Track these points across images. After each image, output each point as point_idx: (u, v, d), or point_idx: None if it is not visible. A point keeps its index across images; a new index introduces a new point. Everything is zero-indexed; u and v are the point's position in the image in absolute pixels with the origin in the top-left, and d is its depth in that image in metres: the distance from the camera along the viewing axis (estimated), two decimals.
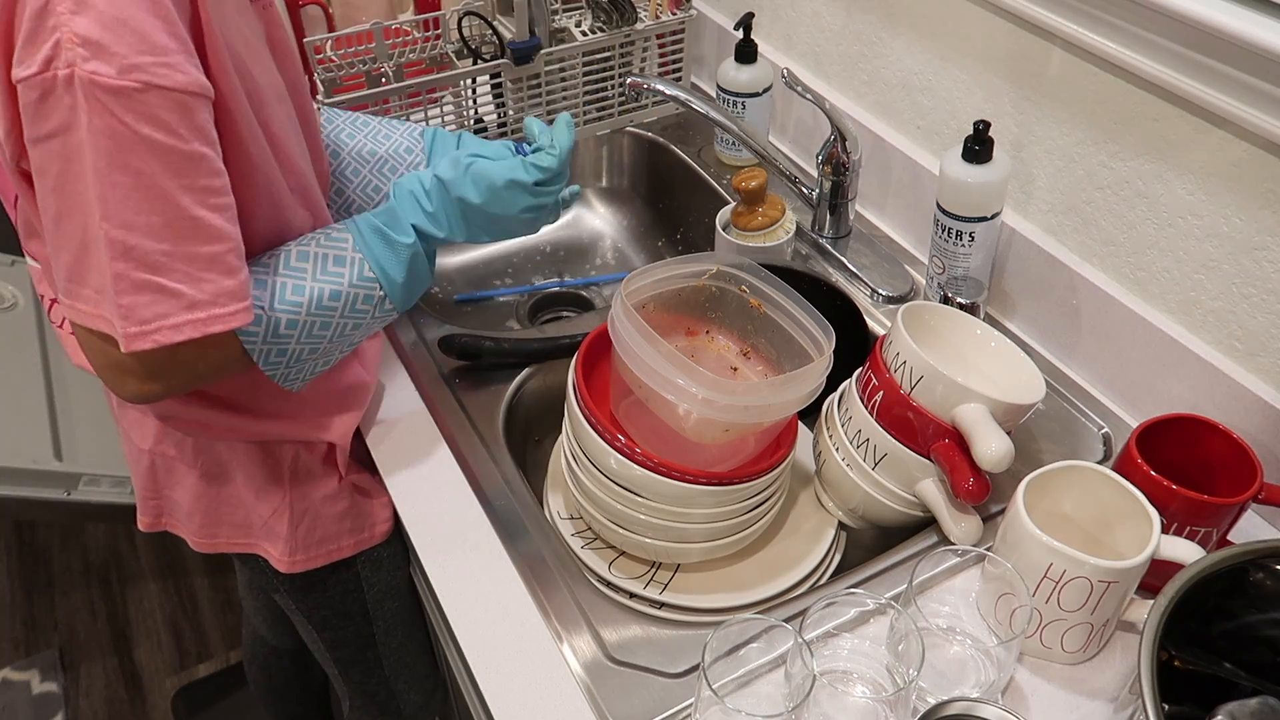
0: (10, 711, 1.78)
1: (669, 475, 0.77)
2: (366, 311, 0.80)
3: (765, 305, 0.86)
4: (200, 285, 0.67)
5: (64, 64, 0.60)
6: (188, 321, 0.67)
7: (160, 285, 0.66)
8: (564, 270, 1.37)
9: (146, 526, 1.02)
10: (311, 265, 0.77)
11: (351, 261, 0.78)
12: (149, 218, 0.65)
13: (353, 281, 0.78)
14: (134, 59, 0.61)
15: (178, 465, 0.95)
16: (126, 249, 0.65)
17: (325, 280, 0.77)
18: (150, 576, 2.02)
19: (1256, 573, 0.69)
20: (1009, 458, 0.75)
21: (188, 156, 0.65)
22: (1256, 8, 0.75)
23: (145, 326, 0.66)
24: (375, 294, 0.79)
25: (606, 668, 0.76)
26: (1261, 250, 0.82)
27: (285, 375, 0.79)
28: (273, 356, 0.76)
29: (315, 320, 0.77)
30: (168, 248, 0.66)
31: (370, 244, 0.79)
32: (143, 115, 0.62)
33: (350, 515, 0.99)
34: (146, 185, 0.64)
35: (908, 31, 1.11)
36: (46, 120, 0.63)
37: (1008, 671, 0.76)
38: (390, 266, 0.80)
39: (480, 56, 1.27)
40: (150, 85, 0.62)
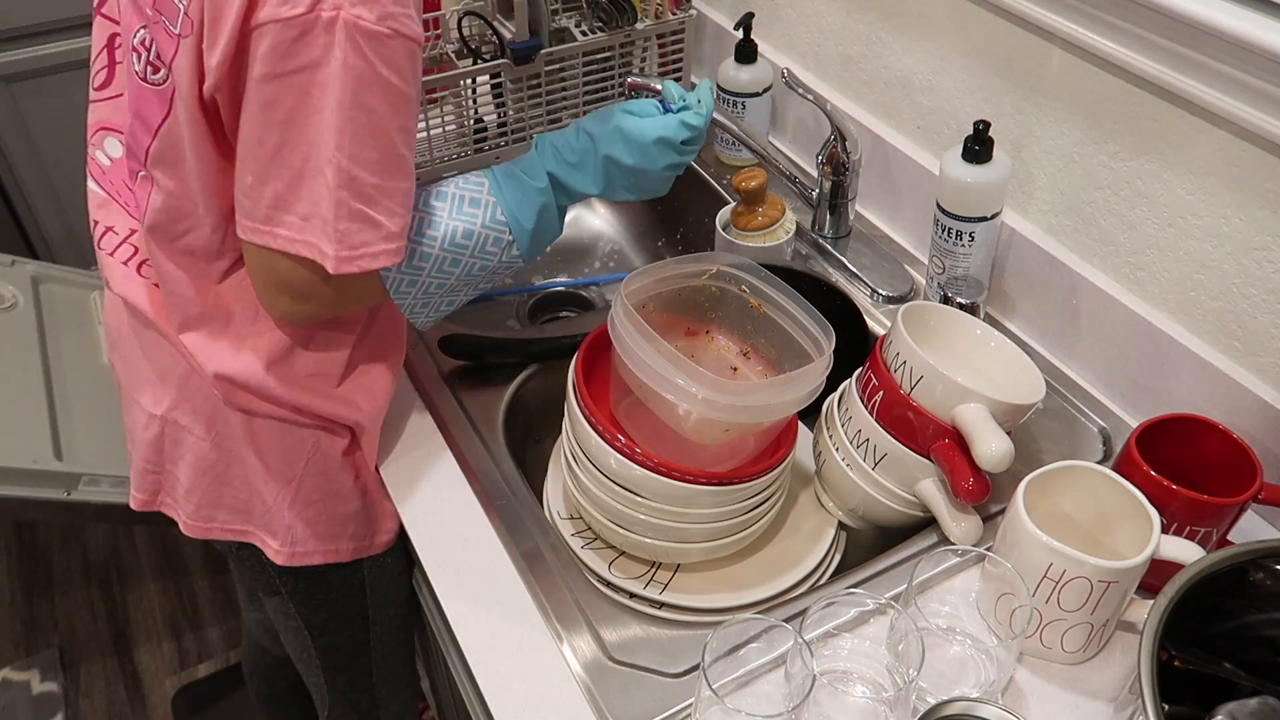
0: (10, 711, 1.78)
1: (669, 475, 0.77)
2: (494, 254, 0.83)
3: (765, 305, 0.86)
4: (394, 218, 0.74)
5: (330, 6, 0.66)
6: (383, 251, 0.74)
7: (368, 216, 0.73)
8: (564, 270, 1.37)
9: (141, 505, 1.00)
10: (449, 205, 0.81)
11: (486, 204, 0.82)
12: (370, 153, 0.71)
13: (485, 223, 0.82)
14: (390, 8, 0.68)
15: (187, 436, 0.92)
16: (351, 179, 0.71)
17: (460, 219, 0.81)
18: (150, 576, 2.02)
19: (1256, 573, 0.69)
20: (1009, 458, 0.75)
21: (407, 99, 0.72)
22: (1256, 8, 0.75)
23: (354, 251, 0.73)
24: (505, 237, 0.82)
25: (606, 668, 0.76)
26: (1261, 250, 0.82)
27: (413, 307, 0.83)
28: (404, 285, 0.81)
29: (447, 256, 0.81)
30: (378, 182, 0.72)
31: (504, 189, 0.83)
32: (387, 59, 0.69)
33: (356, 519, 0.98)
34: (375, 123, 0.70)
35: (908, 31, 1.11)
36: (296, 57, 0.68)
37: (1008, 671, 0.76)
38: (521, 212, 0.83)
39: (480, 56, 1.27)
40: (398, 33, 0.69)
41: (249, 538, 0.98)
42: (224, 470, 0.94)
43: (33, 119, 2.04)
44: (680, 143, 0.85)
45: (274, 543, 0.96)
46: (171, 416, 0.92)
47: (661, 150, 0.85)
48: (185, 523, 0.98)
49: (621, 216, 1.43)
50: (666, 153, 0.85)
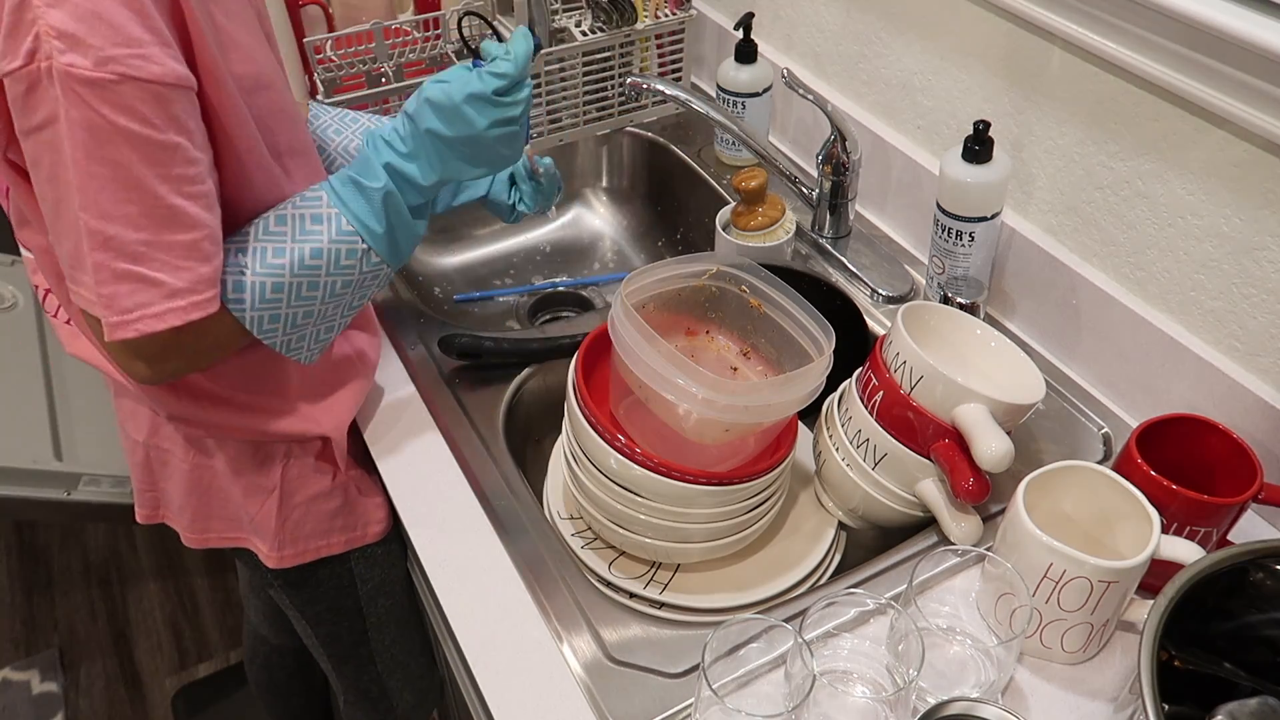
0: (10, 711, 1.78)
1: (669, 475, 0.77)
2: (352, 267, 0.78)
3: (765, 305, 0.86)
4: (179, 273, 0.69)
5: (44, 56, 0.61)
6: (169, 310, 0.69)
7: (140, 275, 0.67)
8: (564, 270, 1.37)
9: (144, 519, 1.03)
10: (290, 227, 0.76)
11: (327, 218, 0.77)
12: (126, 208, 0.66)
13: (332, 237, 0.77)
14: (109, 51, 0.62)
15: (170, 458, 0.95)
16: (106, 239, 0.66)
17: (304, 240, 0.76)
18: (150, 576, 2.02)
19: (1256, 573, 0.69)
20: (1009, 458, 0.75)
21: (163, 146, 0.66)
22: (1256, 8, 0.75)
23: (127, 315, 0.68)
24: (358, 247, 0.78)
25: (606, 668, 0.76)
26: (1261, 250, 0.82)
27: (287, 343, 0.79)
28: (266, 323, 0.76)
29: (301, 281, 0.76)
30: (146, 236, 0.67)
31: (343, 196, 0.78)
32: (119, 106, 0.63)
33: (343, 514, 0.99)
34: (124, 176, 0.65)
35: (908, 31, 1.11)
36: (35, 112, 0.63)
37: (1008, 671, 0.76)
38: (367, 217, 0.77)
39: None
40: (126, 77, 0.63)
41: (244, 543, 1.01)
42: (208, 486, 0.96)
43: None
44: (494, 94, 0.77)
45: (265, 547, 0.99)
46: (153, 442, 0.95)
47: (478, 108, 0.77)
48: (185, 535, 1.01)
49: (622, 216, 1.43)
50: (484, 109, 0.77)
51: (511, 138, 0.80)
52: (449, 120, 0.77)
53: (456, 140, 0.78)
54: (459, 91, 0.77)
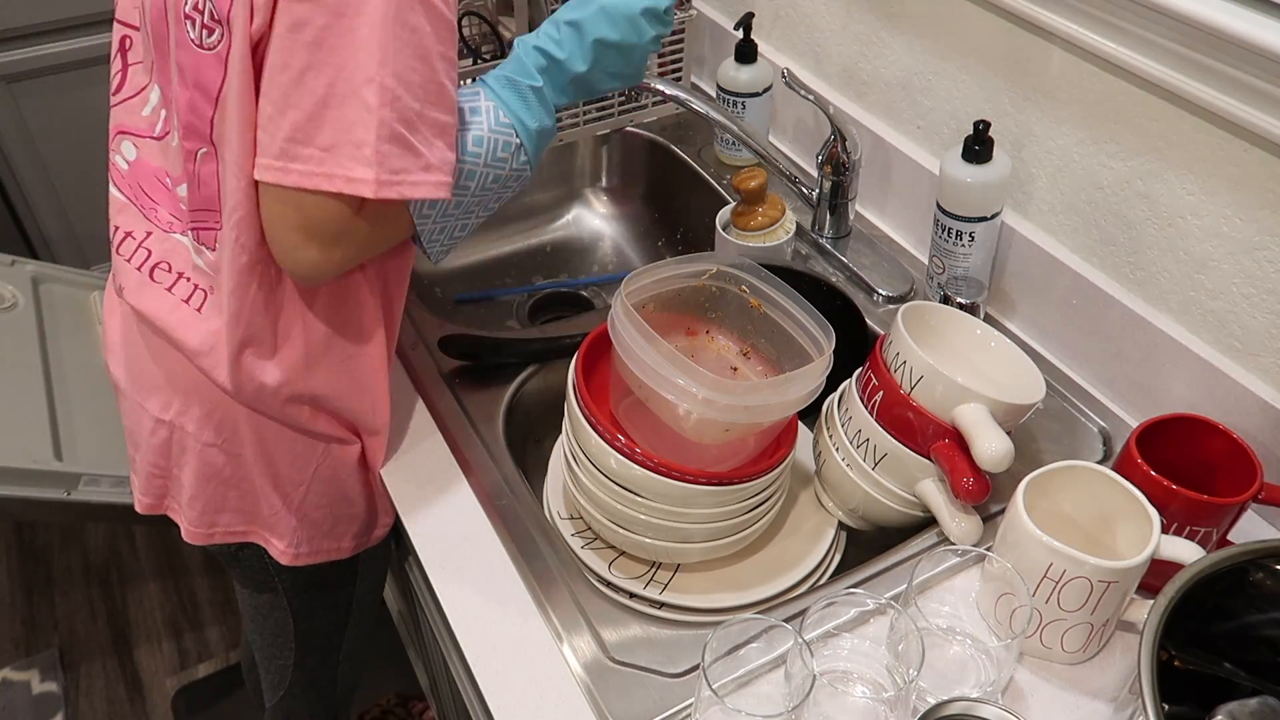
0: (10, 711, 1.78)
1: (669, 475, 0.77)
2: (505, 162, 0.80)
3: (765, 305, 0.86)
4: (434, 150, 0.71)
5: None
6: (422, 181, 0.71)
7: (408, 141, 0.70)
8: (564, 270, 1.37)
9: (147, 508, 1.00)
10: None
11: (485, 110, 0.79)
12: (414, 75, 0.68)
13: (491, 127, 0.78)
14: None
15: (193, 442, 0.91)
16: (394, 98, 0.68)
17: (465, 129, 0.78)
18: (150, 576, 2.02)
19: (1256, 573, 0.69)
20: (1009, 458, 0.75)
21: (448, 24, 0.70)
22: (1256, 8, 0.75)
23: (394, 176, 0.69)
24: (512, 141, 0.79)
25: (606, 668, 0.76)
26: (1261, 250, 0.82)
27: (431, 233, 0.80)
28: (425, 208, 0.78)
29: (462, 169, 0.77)
30: (419, 108, 0.69)
31: (499, 91, 0.80)
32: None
33: (360, 519, 0.99)
34: (419, 43, 0.68)
35: (908, 31, 1.11)
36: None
37: (1008, 671, 0.76)
38: (522, 112, 0.80)
39: (480, 56, 1.27)
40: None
41: (251, 538, 0.98)
42: (231, 474, 0.93)
43: (33, 119, 2.04)
44: (664, 11, 0.83)
45: (279, 544, 0.97)
46: (179, 422, 0.91)
47: (650, 20, 0.83)
48: (187, 529, 0.98)
49: (622, 216, 1.43)
50: (653, 23, 0.83)
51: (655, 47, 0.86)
52: (624, 28, 0.81)
53: (619, 48, 0.82)
54: (638, 4, 0.82)
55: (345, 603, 1.09)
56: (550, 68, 0.81)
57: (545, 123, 0.82)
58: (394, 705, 1.72)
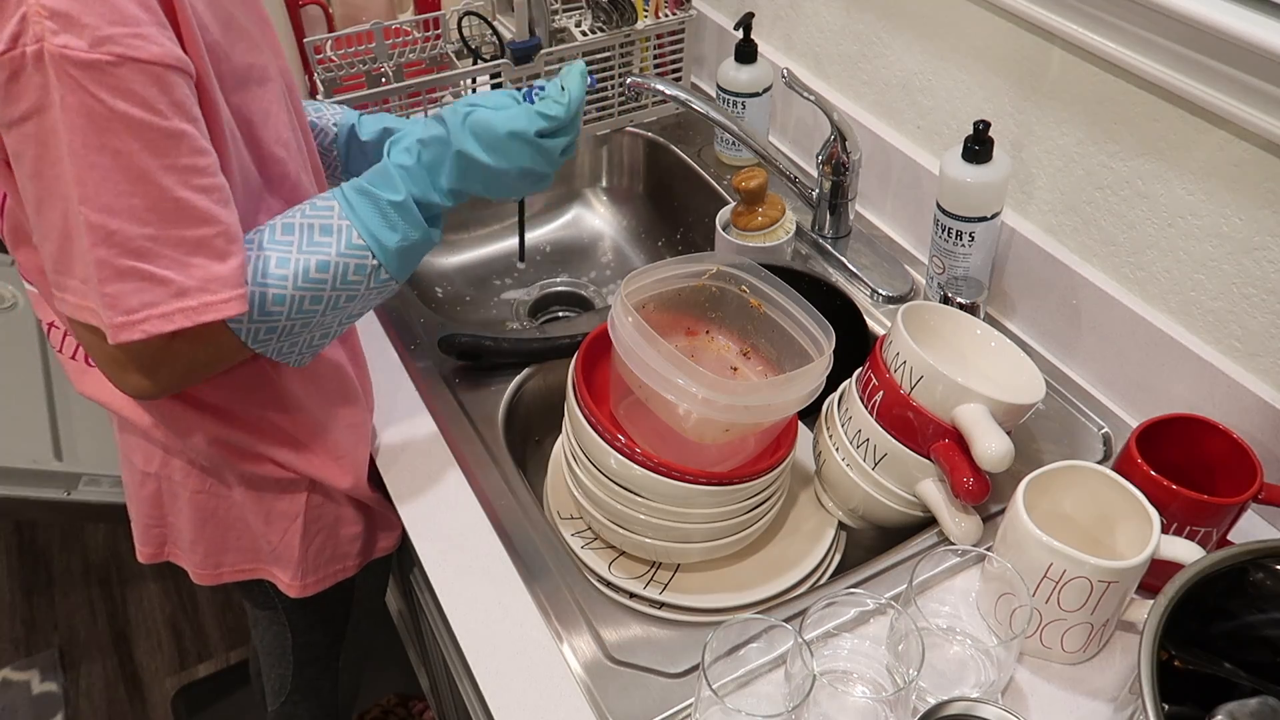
0: (10, 711, 1.78)
1: (669, 475, 0.77)
2: (360, 282, 0.74)
3: (765, 305, 0.86)
4: (189, 271, 0.64)
5: (32, 38, 0.57)
6: (178, 310, 0.64)
7: (146, 272, 0.63)
8: (564, 270, 1.37)
9: (148, 558, 0.98)
10: (297, 236, 0.72)
11: (338, 229, 0.72)
12: (130, 200, 0.61)
13: (341, 250, 0.72)
14: (106, 30, 0.58)
15: (182, 490, 0.91)
16: (108, 234, 0.61)
17: (311, 251, 0.72)
18: (150, 576, 2.02)
19: (1256, 573, 0.69)
20: (1009, 458, 0.75)
21: (168, 134, 0.62)
22: (1256, 8, 0.75)
23: (132, 316, 0.63)
24: (368, 263, 0.73)
25: (606, 668, 0.76)
26: (1261, 250, 0.82)
27: (279, 350, 0.75)
28: (263, 334, 0.72)
29: (305, 294, 0.72)
30: (152, 231, 0.62)
31: (357, 209, 0.73)
32: (118, 90, 0.59)
33: (361, 537, 0.98)
34: (125, 165, 0.61)
35: (908, 31, 1.11)
36: (19, 101, 0.59)
37: (1008, 671, 0.76)
38: (381, 232, 0.73)
39: (480, 56, 1.27)
40: (124, 58, 0.59)
41: (260, 574, 0.97)
42: (224, 515, 0.93)
43: None
44: (535, 134, 0.74)
45: (285, 577, 0.96)
46: (165, 473, 0.91)
47: (518, 147, 0.74)
48: (194, 572, 0.97)
49: (622, 216, 1.43)
50: (522, 150, 0.75)
51: (539, 179, 0.78)
52: (488, 149, 0.74)
53: (487, 168, 0.75)
54: (504, 125, 0.74)
55: (342, 616, 1.08)
56: (417, 178, 0.75)
57: (411, 236, 0.74)
58: (394, 705, 1.72)
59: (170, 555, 0.99)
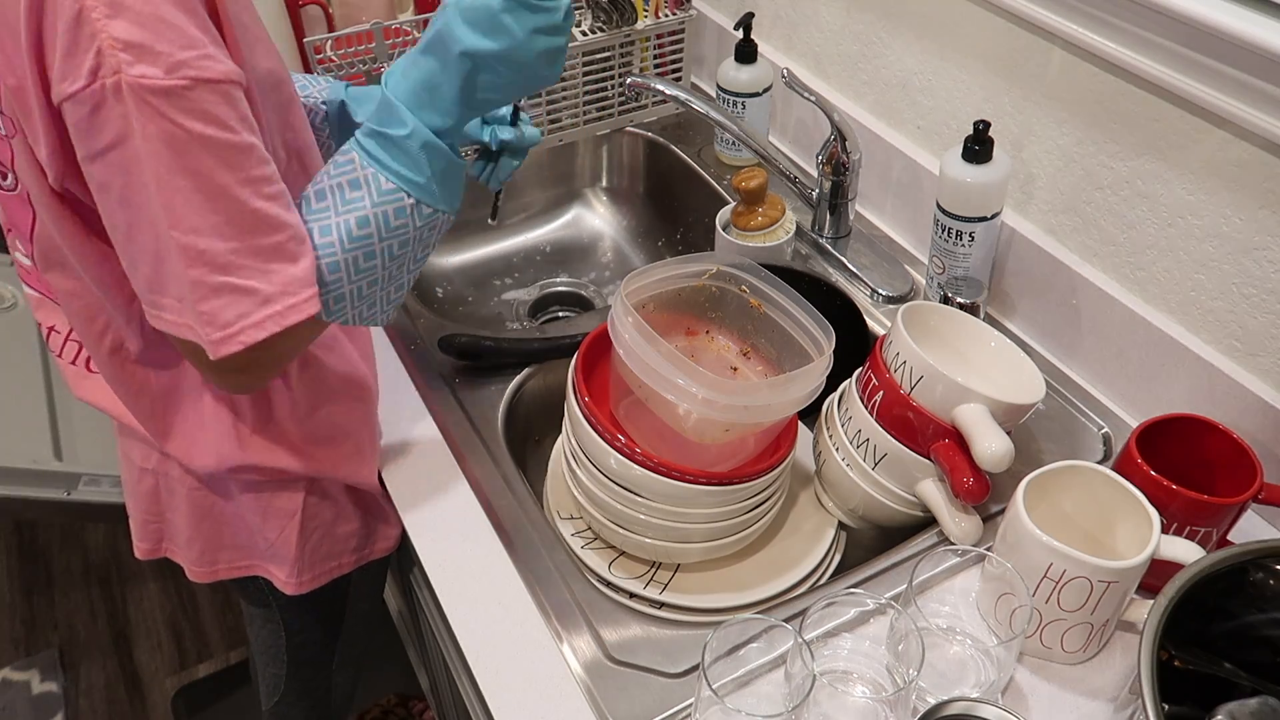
0: (10, 711, 1.78)
1: (669, 475, 0.77)
2: (404, 225, 0.72)
3: (765, 305, 0.86)
4: (270, 278, 0.66)
5: (109, 71, 0.58)
6: (267, 317, 0.67)
7: (235, 285, 0.65)
8: (564, 270, 1.37)
9: (145, 554, 0.99)
10: (330, 200, 0.71)
11: (365, 180, 0.71)
12: (213, 217, 0.63)
13: (375, 201, 0.71)
14: (178, 55, 0.59)
15: (180, 486, 0.92)
16: (198, 253, 0.64)
17: (348, 210, 0.71)
18: (150, 576, 2.02)
19: (1256, 573, 0.69)
20: (1009, 458, 0.75)
21: (239, 148, 0.64)
22: (1256, 8, 0.75)
23: (229, 330, 0.66)
24: (405, 203, 0.71)
25: (606, 668, 0.76)
26: (1261, 250, 0.82)
27: (358, 315, 0.75)
28: (333, 305, 0.72)
29: (357, 253, 0.71)
30: (235, 245, 0.65)
31: (374, 152, 0.71)
32: (194, 113, 0.61)
33: (358, 534, 0.98)
34: (206, 184, 0.63)
35: (907, 31, 1.11)
36: (102, 133, 0.61)
37: (1008, 671, 0.76)
38: (405, 168, 0.71)
39: None
40: (197, 80, 0.60)
41: (255, 571, 0.98)
42: (221, 512, 0.93)
43: None
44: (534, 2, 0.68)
45: (282, 574, 0.96)
46: (163, 469, 0.92)
47: (516, 15, 0.68)
48: (190, 570, 0.97)
49: (622, 216, 1.43)
50: (521, 15, 0.68)
51: (555, 52, 0.72)
52: (487, 30, 0.68)
53: (495, 56, 0.69)
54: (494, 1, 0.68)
55: (338, 615, 1.08)
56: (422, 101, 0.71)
57: (438, 164, 0.72)
58: (394, 705, 1.72)
59: (167, 551, 0.99)
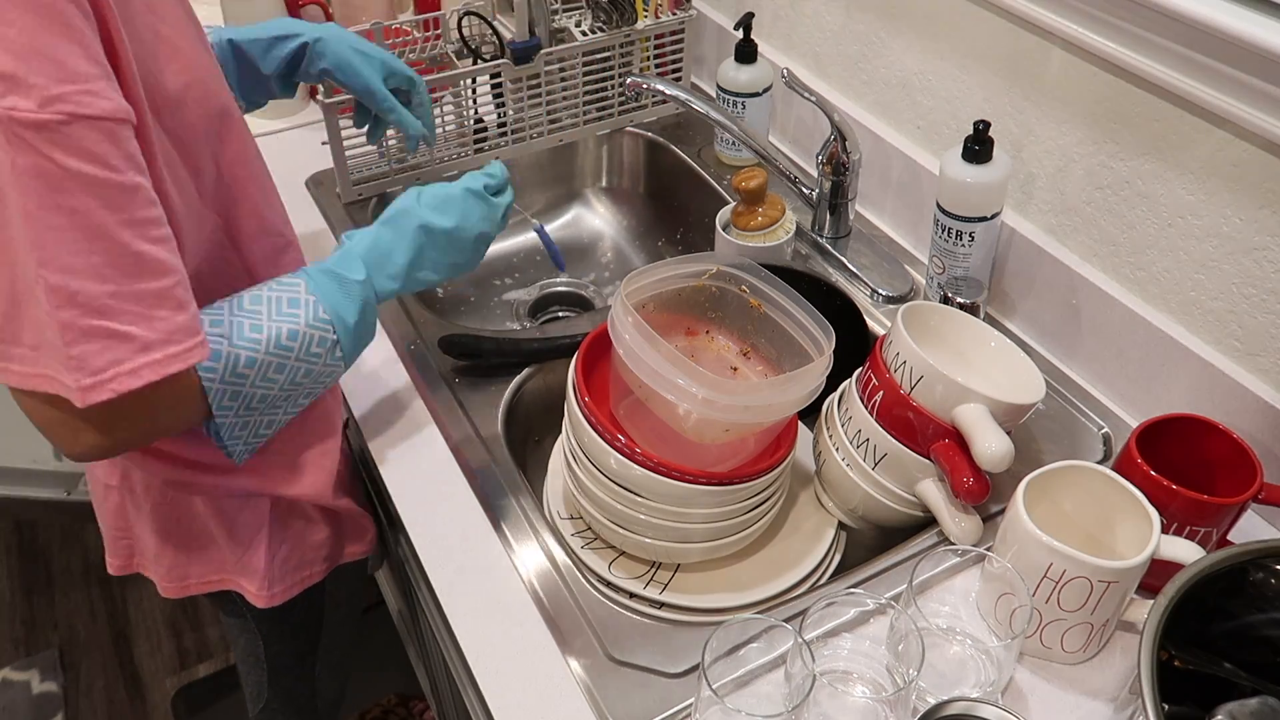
0: (10, 711, 1.78)
1: (669, 475, 0.77)
2: (319, 357, 0.78)
3: (765, 305, 0.86)
4: (152, 324, 0.63)
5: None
6: (145, 364, 0.63)
7: (111, 330, 0.62)
8: (564, 270, 1.37)
9: (118, 569, 0.98)
10: (266, 307, 0.75)
11: (305, 303, 0.76)
12: (89, 258, 0.60)
13: (309, 321, 0.76)
14: (54, 89, 0.56)
15: (144, 502, 0.91)
16: (70, 295, 0.60)
17: (281, 320, 0.75)
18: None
19: (1256, 573, 0.69)
20: (1009, 458, 0.75)
21: (123, 188, 0.61)
22: (1256, 8, 0.75)
23: (100, 376, 0.62)
24: (329, 337, 0.78)
25: (606, 668, 0.76)
26: (1261, 250, 0.82)
27: (232, 428, 0.75)
28: (227, 399, 0.73)
29: (272, 361, 0.74)
30: (113, 288, 0.61)
31: (322, 285, 0.78)
32: (71, 149, 0.58)
33: (328, 542, 0.98)
34: (83, 224, 0.59)
35: (908, 31, 1.11)
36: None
37: (1008, 671, 0.76)
38: (343, 308, 0.78)
39: (480, 56, 1.27)
40: (75, 116, 0.57)
41: (227, 585, 0.97)
42: (188, 527, 0.92)
43: None
44: (483, 188, 0.89)
45: (252, 588, 0.95)
46: (126, 485, 0.91)
47: (471, 203, 0.88)
48: (162, 586, 0.96)
49: (622, 216, 1.43)
50: (474, 205, 0.88)
51: (486, 238, 0.90)
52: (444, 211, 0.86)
53: (444, 232, 0.86)
54: (457, 186, 0.88)
55: (314, 622, 1.07)
56: (376, 259, 0.82)
57: (366, 320, 0.81)
58: (394, 705, 1.72)
59: (139, 567, 0.99)
